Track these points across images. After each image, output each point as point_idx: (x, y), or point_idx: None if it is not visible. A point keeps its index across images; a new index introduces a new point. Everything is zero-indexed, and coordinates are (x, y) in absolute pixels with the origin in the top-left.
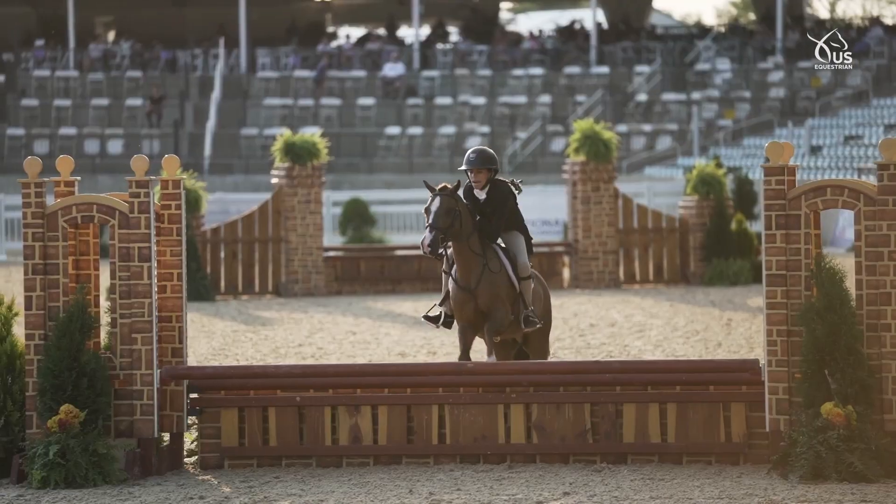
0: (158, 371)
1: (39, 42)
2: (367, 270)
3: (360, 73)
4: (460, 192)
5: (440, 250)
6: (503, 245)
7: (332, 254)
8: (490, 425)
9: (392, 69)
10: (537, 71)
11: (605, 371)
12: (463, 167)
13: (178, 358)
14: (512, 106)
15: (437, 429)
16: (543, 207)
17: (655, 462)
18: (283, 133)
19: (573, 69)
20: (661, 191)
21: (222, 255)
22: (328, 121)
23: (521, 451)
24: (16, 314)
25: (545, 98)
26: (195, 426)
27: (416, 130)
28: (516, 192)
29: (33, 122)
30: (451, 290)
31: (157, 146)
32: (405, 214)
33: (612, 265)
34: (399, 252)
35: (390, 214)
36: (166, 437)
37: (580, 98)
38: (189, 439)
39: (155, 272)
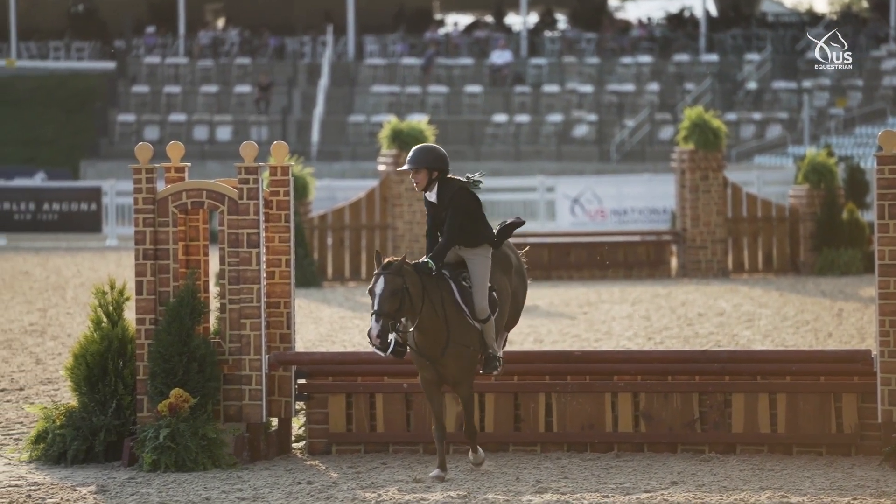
0: (267, 356)
1: (150, 29)
2: None
3: (468, 61)
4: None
5: (390, 340)
6: (463, 268)
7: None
8: (597, 413)
9: (500, 57)
10: (646, 59)
11: (713, 360)
12: (403, 167)
13: (287, 344)
14: (620, 94)
15: (543, 417)
16: (651, 196)
17: (765, 452)
18: (390, 120)
19: (682, 57)
20: (771, 179)
21: (329, 241)
22: (435, 108)
23: (628, 439)
24: (127, 299)
25: (653, 86)
26: (303, 412)
27: (523, 118)
28: (475, 186)
29: (143, 108)
30: (409, 349)
31: (265, 133)
32: (512, 202)
33: (720, 254)
34: None
35: (497, 202)
36: (274, 422)
37: (689, 86)
38: (297, 425)
39: (263, 258)
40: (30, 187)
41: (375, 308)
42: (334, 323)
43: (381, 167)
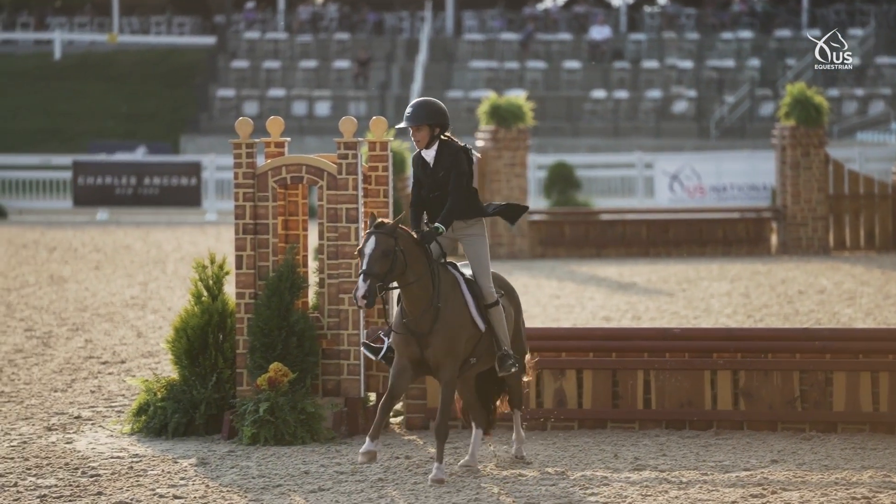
0: (365, 332)
1: (250, 4)
2: (571, 234)
3: (567, 36)
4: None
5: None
6: (461, 259)
7: (536, 217)
8: (696, 391)
9: (599, 32)
10: (746, 34)
11: (814, 338)
12: (401, 125)
13: (384, 319)
14: (720, 70)
15: (642, 394)
16: (751, 173)
17: (866, 431)
18: (488, 96)
19: (783, 32)
20: (874, 156)
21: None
22: (533, 84)
23: (727, 417)
24: (227, 273)
25: (754, 61)
26: None
27: (621, 94)
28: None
29: (243, 83)
30: (395, 319)
31: (363, 108)
32: (610, 178)
33: (821, 231)
34: (604, 216)
35: (595, 178)
36: (372, 397)
37: (790, 62)
38: None
39: (362, 233)
40: (131, 162)
41: (364, 268)
42: None
43: (479, 143)
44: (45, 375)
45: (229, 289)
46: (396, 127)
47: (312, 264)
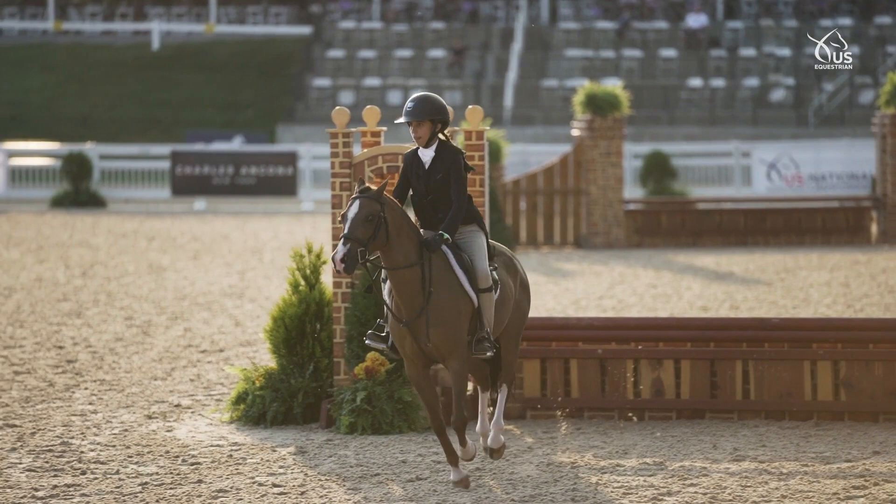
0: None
1: None
2: (667, 223)
3: (663, 24)
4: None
5: (358, 267)
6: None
7: (632, 206)
8: (796, 381)
9: (695, 20)
10: (846, 21)
11: None
12: (401, 120)
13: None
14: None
15: (741, 384)
16: (850, 161)
17: None
18: (583, 85)
19: (884, 19)
20: None
21: (522, 206)
22: (629, 72)
23: (828, 408)
24: (324, 262)
25: (854, 49)
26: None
27: (718, 82)
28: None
29: (339, 72)
30: (387, 315)
31: (458, 97)
32: (707, 167)
33: None
34: (700, 205)
35: (692, 167)
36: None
37: (891, 49)
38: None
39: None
40: (228, 151)
41: (346, 232)
42: None
43: (575, 132)
44: (146, 364)
45: (326, 278)
46: (396, 122)
47: None
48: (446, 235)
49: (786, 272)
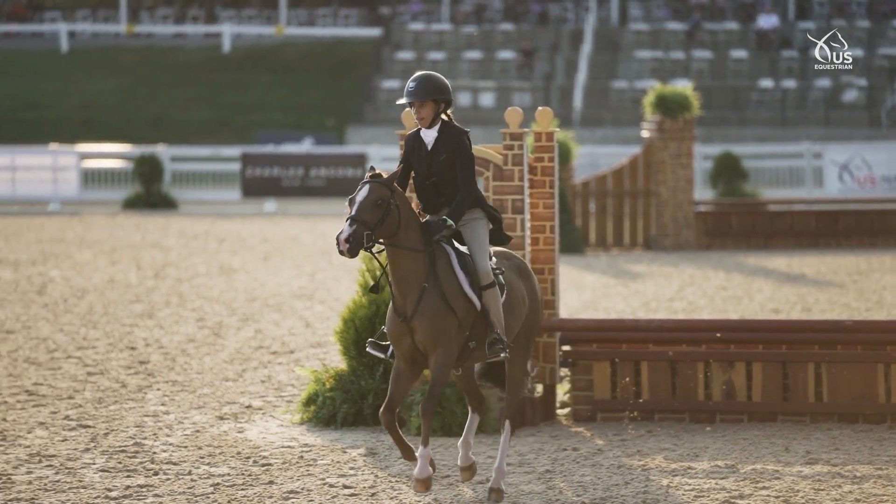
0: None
1: None
2: (738, 225)
3: (734, 25)
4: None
5: (363, 250)
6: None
7: (702, 208)
8: (869, 384)
9: (766, 20)
10: None
11: None
12: (402, 100)
13: (551, 310)
14: (892, 58)
15: (813, 387)
16: None
17: None
18: (653, 86)
19: None
20: None
21: (592, 207)
22: (699, 73)
23: None
24: None
25: None
26: (567, 378)
27: (789, 83)
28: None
29: (408, 74)
30: (388, 312)
31: (527, 99)
32: (778, 169)
33: None
34: (772, 207)
35: (763, 169)
36: (539, 388)
37: None
38: (561, 391)
39: (528, 224)
40: (298, 153)
41: (353, 214)
42: (597, 290)
43: (645, 133)
44: (217, 365)
45: None
46: (398, 103)
47: None
48: (450, 222)
49: (858, 274)
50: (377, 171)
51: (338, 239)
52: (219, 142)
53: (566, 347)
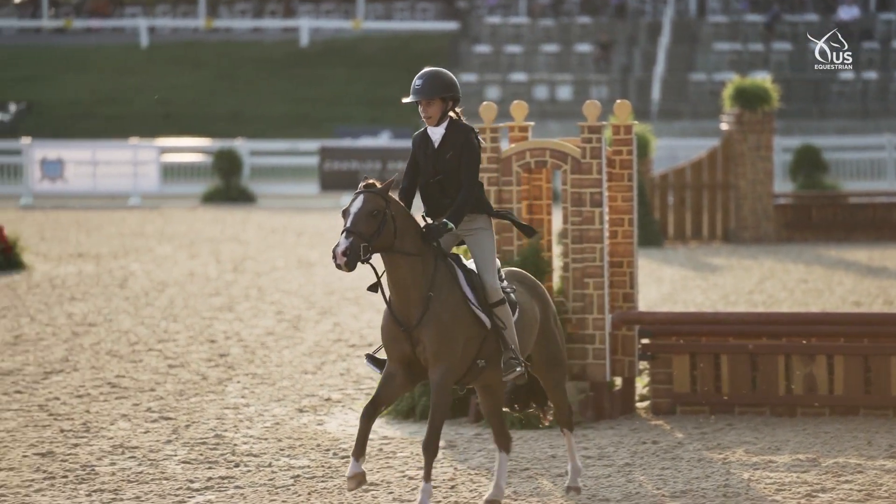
0: (610, 316)
1: None
2: (818, 218)
3: (813, 17)
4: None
5: (361, 262)
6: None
7: (782, 201)
8: None
9: (847, 12)
10: None
11: None
12: (409, 99)
13: (630, 303)
14: None
15: None
16: None
17: None
18: (732, 78)
19: None
20: None
21: (670, 200)
22: (779, 66)
23: None
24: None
25: None
26: (646, 371)
27: (870, 75)
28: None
29: (485, 68)
30: (384, 314)
31: (604, 92)
32: (859, 161)
33: None
34: (853, 199)
35: (843, 161)
36: (618, 381)
37: None
38: (641, 384)
39: (606, 217)
40: (375, 147)
41: (348, 225)
42: (676, 283)
43: (724, 126)
44: (296, 358)
45: None
46: (404, 101)
47: (556, 248)
48: (450, 224)
49: None
50: (371, 181)
51: (334, 252)
52: (297, 136)
53: (645, 341)
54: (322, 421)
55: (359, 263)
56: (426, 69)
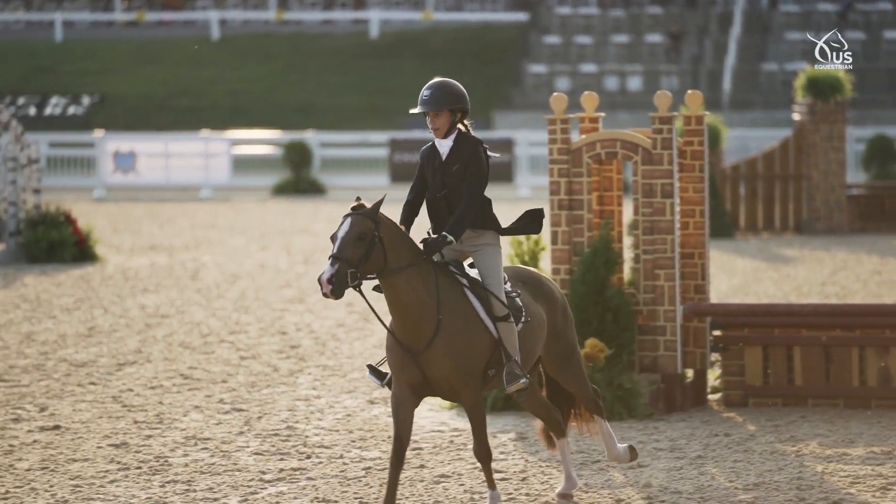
0: (682, 307)
1: None
2: (891, 208)
3: (887, 6)
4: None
5: (351, 289)
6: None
7: (855, 191)
8: None
9: None
10: None
11: None
12: (416, 110)
13: (701, 294)
14: None
15: None
16: None
17: None
18: (804, 68)
19: None
20: None
21: (742, 191)
22: (852, 55)
23: None
24: (542, 248)
25: None
26: (718, 363)
27: None
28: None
29: (555, 58)
30: (387, 339)
31: (675, 82)
32: None
33: None
34: None
35: None
36: (689, 373)
37: None
38: (712, 376)
39: (677, 208)
40: None
41: (334, 251)
42: (748, 274)
43: (796, 116)
44: (366, 350)
45: (544, 264)
46: (411, 112)
47: (627, 240)
48: (450, 238)
49: None
50: (361, 202)
51: (319, 280)
52: (366, 128)
53: (717, 332)
54: None
55: (351, 290)
56: (435, 79)
